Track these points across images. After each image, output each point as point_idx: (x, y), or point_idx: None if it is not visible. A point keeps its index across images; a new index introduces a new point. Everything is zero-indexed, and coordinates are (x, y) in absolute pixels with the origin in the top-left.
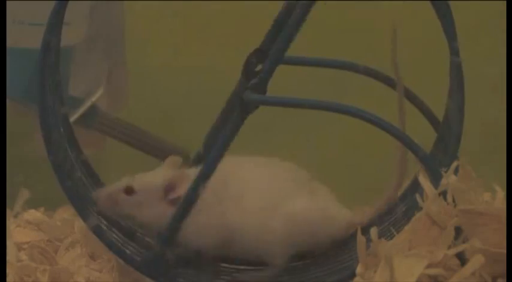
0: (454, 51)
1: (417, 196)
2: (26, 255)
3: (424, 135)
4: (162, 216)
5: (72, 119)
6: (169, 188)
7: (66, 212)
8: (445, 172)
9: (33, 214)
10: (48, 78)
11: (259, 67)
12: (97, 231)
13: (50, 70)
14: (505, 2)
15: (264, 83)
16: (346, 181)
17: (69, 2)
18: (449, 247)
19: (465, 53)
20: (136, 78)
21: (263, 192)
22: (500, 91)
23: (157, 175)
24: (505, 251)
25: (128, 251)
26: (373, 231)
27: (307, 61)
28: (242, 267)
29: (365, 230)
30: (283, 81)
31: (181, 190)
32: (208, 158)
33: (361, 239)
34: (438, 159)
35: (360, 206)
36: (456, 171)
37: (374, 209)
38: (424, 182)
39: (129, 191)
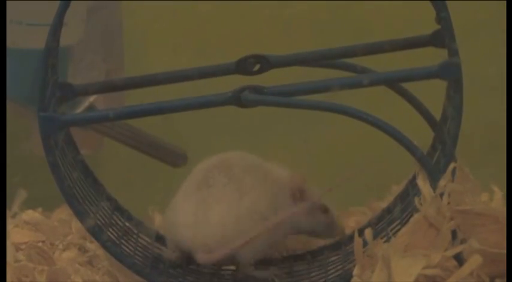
0: (453, 52)
1: (415, 198)
2: (24, 256)
3: (422, 136)
4: None
5: None
6: None
7: (63, 213)
8: (443, 173)
9: (30, 214)
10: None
11: (257, 67)
12: (93, 232)
13: (50, 71)
14: (505, 2)
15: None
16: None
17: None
18: (446, 249)
19: (465, 53)
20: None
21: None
22: (500, 91)
23: None
24: (503, 251)
25: (125, 252)
26: (368, 232)
27: (305, 61)
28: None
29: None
30: (282, 81)
31: None
32: None
33: (358, 240)
34: (436, 159)
35: (357, 207)
36: (454, 173)
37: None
38: (422, 184)
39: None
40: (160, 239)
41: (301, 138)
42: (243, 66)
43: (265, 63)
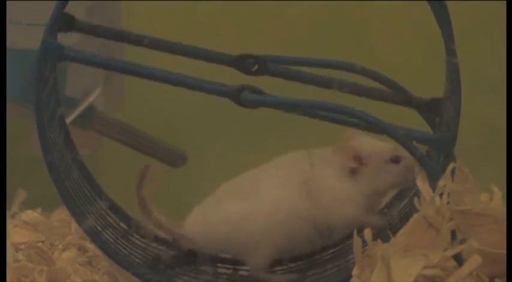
0: (451, 53)
1: (415, 199)
2: (23, 256)
3: None
4: None
5: (68, 119)
6: None
7: (63, 213)
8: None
9: (30, 215)
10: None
11: (255, 67)
12: (91, 233)
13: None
14: (505, 2)
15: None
16: None
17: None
18: (446, 249)
19: (465, 53)
20: (133, 78)
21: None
22: (500, 91)
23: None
24: (503, 252)
25: (122, 253)
26: (367, 232)
27: (305, 62)
28: (238, 267)
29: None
30: (281, 81)
31: None
32: None
33: (357, 240)
34: (435, 159)
35: None
36: (453, 173)
37: None
38: (422, 184)
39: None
40: (158, 239)
41: (301, 138)
42: (241, 63)
43: (263, 66)
